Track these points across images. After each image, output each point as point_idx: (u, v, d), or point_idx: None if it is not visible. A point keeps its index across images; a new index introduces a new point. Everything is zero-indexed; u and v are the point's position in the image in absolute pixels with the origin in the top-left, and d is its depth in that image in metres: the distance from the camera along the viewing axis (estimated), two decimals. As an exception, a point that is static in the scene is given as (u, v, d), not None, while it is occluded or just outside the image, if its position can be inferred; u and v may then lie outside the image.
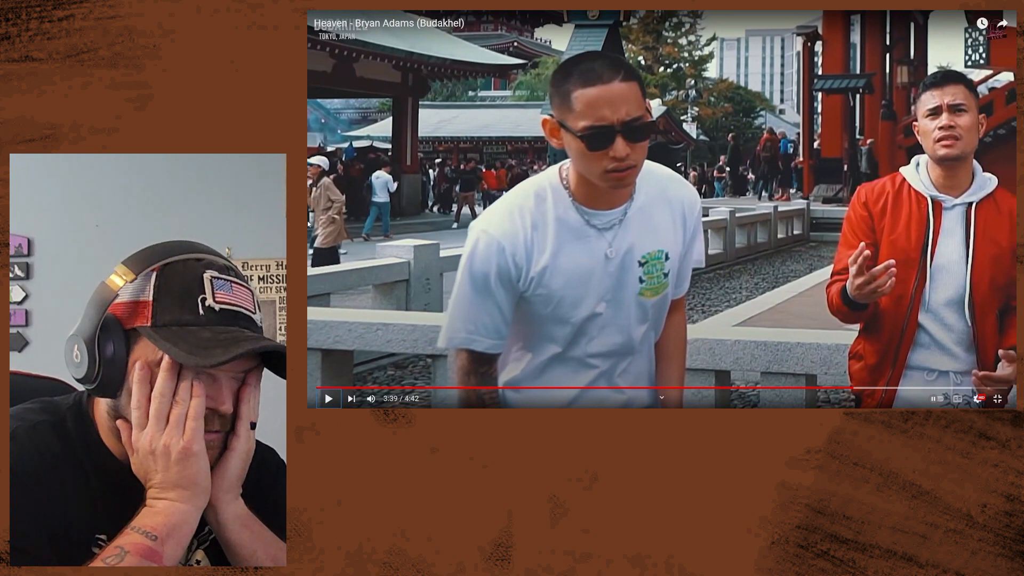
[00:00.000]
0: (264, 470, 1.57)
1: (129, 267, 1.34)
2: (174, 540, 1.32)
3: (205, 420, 1.33)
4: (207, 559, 1.51)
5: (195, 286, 1.32)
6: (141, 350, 1.32)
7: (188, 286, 1.32)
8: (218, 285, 1.34)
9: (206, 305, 1.31)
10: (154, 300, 1.31)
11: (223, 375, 1.35)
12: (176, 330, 1.30)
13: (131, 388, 1.32)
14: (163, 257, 1.35)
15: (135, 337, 1.32)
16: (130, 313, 1.31)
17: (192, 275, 1.34)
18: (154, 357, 1.32)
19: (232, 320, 1.34)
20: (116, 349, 1.31)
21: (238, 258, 3.00)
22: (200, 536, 1.46)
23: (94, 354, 1.30)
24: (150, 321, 1.30)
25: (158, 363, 1.32)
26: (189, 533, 1.36)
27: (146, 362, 1.33)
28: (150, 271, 1.33)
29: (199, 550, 1.49)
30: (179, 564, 1.40)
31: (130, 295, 1.32)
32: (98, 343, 1.31)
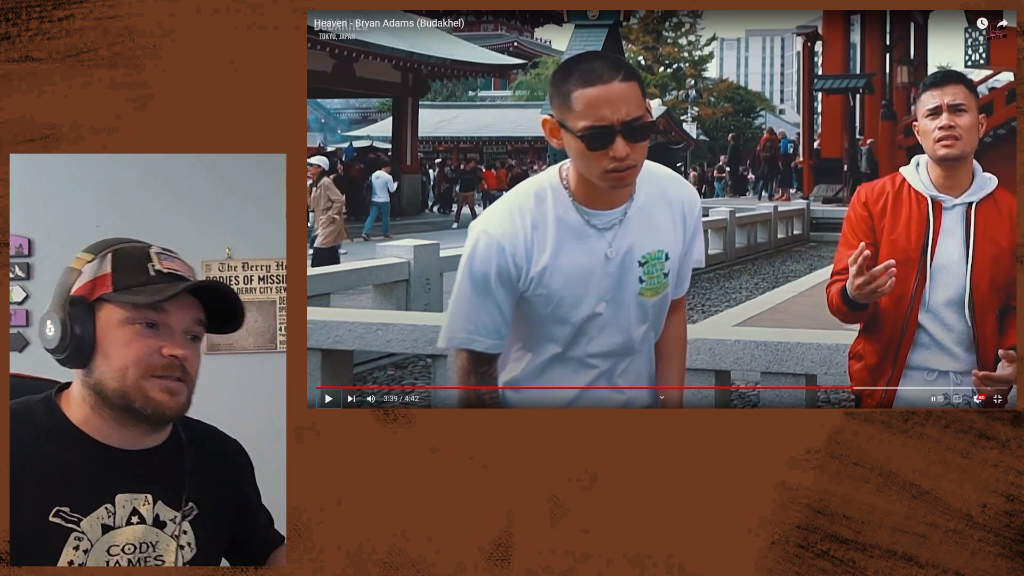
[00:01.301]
0: (226, 461, 1.73)
1: (88, 252, 1.57)
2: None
3: (169, 367, 1.54)
4: (192, 532, 1.62)
5: (144, 257, 1.57)
6: (105, 317, 1.53)
7: (139, 258, 1.57)
8: (163, 257, 1.58)
9: (155, 269, 1.56)
10: (112, 271, 1.54)
11: (177, 327, 1.56)
12: (135, 288, 1.54)
13: (107, 353, 1.53)
14: (114, 244, 1.58)
15: (99, 307, 1.54)
16: (92, 288, 1.54)
17: (141, 251, 1.58)
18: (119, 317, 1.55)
19: (179, 280, 1.58)
20: (83, 322, 1.52)
21: (238, 258, 3.01)
22: (184, 511, 1.61)
23: (66, 328, 1.52)
24: (111, 288, 1.53)
25: (122, 321, 1.55)
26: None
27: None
28: (106, 252, 1.56)
29: (184, 523, 1.61)
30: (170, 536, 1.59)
31: (91, 274, 1.54)
32: (69, 318, 1.52)
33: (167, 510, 1.59)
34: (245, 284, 3.02)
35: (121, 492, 1.55)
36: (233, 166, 2.88)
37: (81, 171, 2.83)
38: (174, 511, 1.60)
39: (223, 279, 3.01)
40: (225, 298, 1.59)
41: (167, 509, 1.59)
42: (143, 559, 1.56)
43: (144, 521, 1.57)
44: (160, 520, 1.59)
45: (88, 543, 1.52)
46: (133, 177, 2.87)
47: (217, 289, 1.59)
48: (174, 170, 2.88)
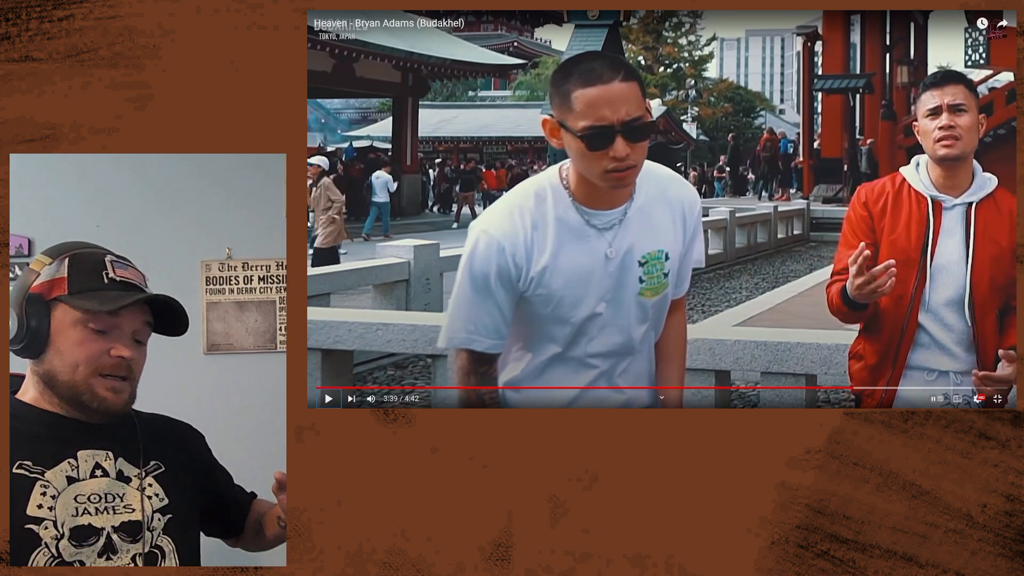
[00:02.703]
0: (176, 431, 1.86)
1: (47, 255, 1.69)
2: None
3: (116, 367, 1.66)
4: (159, 486, 1.73)
5: (100, 264, 1.68)
6: (60, 316, 1.65)
7: (94, 264, 1.68)
8: (116, 265, 1.70)
9: (109, 276, 1.67)
10: (68, 276, 1.66)
11: (127, 329, 1.68)
12: (88, 293, 1.65)
13: (59, 348, 1.65)
14: (72, 249, 1.70)
15: (55, 307, 1.65)
16: (49, 288, 1.65)
17: (96, 258, 1.69)
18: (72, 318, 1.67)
19: (131, 289, 1.70)
20: (39, 318, 1.65)
21: (238, 258, 3.01)
22: (147, 468, 1.73)
23: (22, 322, 1.65)
24: (67, 291, 1.65)
25: (75, 322, 1.66)
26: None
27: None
28: (64, 257, 1.68)
29: (149, 477, 1.73)
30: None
31: (48, 275, 1.66)
32: (25, 313, 1.65)
33: (129, 467, 1.71)
34: (245, 284, 3.02)
35: (82, 449, 1.67)
36: (233, 166, 2.87)
37: (81, 171, 2.83)
38: (136, 468, 1.72)
39: (223, 279, 3.01)
40: (171, 308, 1.72)
41: (129, 466, 1.71)
42: (111, 508, 1.67)
43: (108, 475, 1.68)
44: (124, 475, 1.70)
45: (55, 490, 1.63)
46: (133, 177, 2.86)
47: (165, 303, 1.71)
48: (174, 170, 2.87)
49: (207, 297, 2.98)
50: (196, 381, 2.84)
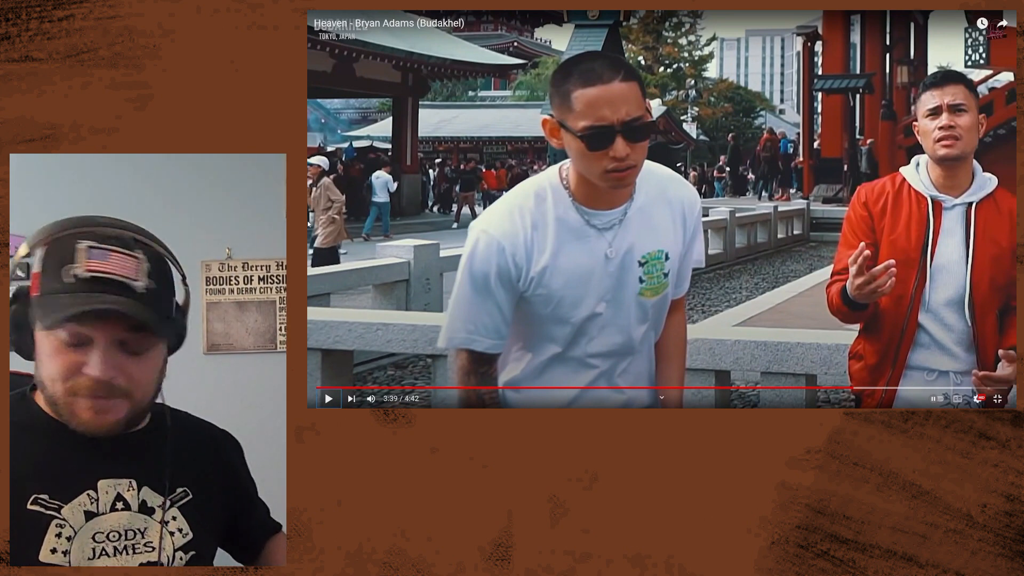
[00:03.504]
0: (214, 449, 1.67)
1: (27, 243, 1.46)
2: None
3: (95, 387, 1.41)
4: (183, 518, 1.56)
5: (67, 258, 1.40)
6: (35, 320, 1.43)
7: (63, 257, 1.41)
8: (93, 254, 1.41)
9: (71, 273, 1.39)
10: (41, 272, 1.42)
11: (102, 339, 1.42)
12: (46, 298, 1.40)
13: (39, 357, 1.43)
14: (52, 235, 1.44)
15: (32, 307, 1.44)
16: (32, 284, 1.43)
17: (67, 250, 1.41)
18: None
19: (103, 286, 1.41)
20: (17, 319, 1.44)
21: (238, 258, 3.01)
22: (172, 497, 1.55)
23: (11, 321, 1.46)
24: (39, 291, 1.41)
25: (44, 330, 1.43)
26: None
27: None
28: (40, 247, 1.44)
29: (174, 508, 1.56)
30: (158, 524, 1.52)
31: (33, 268, 1.44)
32: (12, 312, 1.45)
33: (153, 495, 1.53)
34: (245, 284, 3.02)
35: (103, 478, 1.49)
36: (233, 166, 2.87)
37: (81, 171, 2.83)
38: (161, 496, 1.53)
39: (223, 279, 3.01)
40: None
41: (153, 495, 1.53)
42: (130, 546, 1.50)
43: (129, 507, 1.50)
44: (148, 506, 1.53)
45: (71, 530, 1.45)
46: (133, 177, 2.86)
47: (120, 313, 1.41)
48: (174, 170, 2.88)
49: (207, 297, 2.98)
50: (196, 381, 2.84)
